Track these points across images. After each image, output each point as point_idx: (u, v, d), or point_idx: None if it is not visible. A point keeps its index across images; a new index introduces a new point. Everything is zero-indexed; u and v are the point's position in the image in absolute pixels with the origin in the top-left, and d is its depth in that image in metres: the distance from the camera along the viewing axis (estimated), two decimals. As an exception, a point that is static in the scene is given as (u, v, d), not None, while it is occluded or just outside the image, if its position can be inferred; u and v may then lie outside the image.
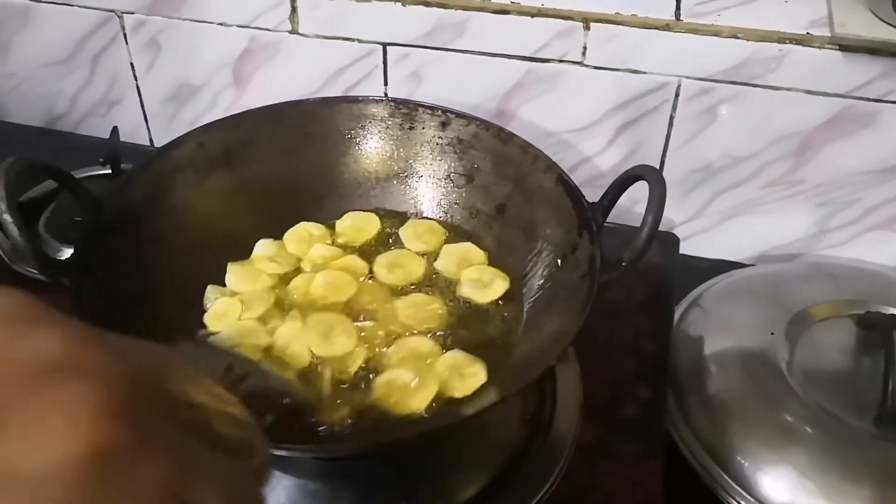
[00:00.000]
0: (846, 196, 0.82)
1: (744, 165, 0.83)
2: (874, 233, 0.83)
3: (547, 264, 0.63)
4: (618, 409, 0.67)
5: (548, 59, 0.82)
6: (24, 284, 0.76)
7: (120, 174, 0.82)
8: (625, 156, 0.86)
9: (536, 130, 0.86)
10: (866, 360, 0.71)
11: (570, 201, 0.62)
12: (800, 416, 0.65)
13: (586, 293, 0.54)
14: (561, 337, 0.53)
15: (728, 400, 0.68)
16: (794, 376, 0.68)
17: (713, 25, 0.76)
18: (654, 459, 0.63)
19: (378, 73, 0.89)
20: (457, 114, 0.71)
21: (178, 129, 0.94)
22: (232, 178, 0.70)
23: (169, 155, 0.67)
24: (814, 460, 0.63)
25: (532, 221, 0.66)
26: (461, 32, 0.83)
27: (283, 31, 0.89)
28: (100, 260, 0.58)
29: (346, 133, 0.73)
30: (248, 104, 0.95)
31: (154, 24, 0.93)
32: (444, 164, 0.72)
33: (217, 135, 0.70)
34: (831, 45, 0.74)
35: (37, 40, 1.00)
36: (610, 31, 0.79)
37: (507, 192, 0.69)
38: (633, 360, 0.71)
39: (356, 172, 0.74)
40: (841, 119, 0.77)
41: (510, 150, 0.68)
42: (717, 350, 0.73)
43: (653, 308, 0.76)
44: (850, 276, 0.80)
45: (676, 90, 0.80)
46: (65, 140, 1.05)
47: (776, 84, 0.77)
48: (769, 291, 0.78)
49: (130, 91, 1.00)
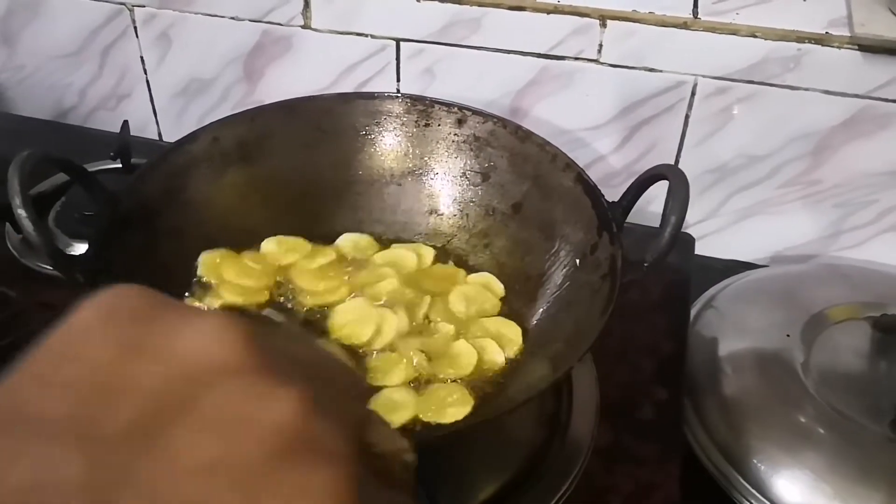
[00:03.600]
0: (862, 197, 0.81)
1: (759, 165, 0.82)
2: (891, 234, 0.83)
3: (565, 264, 0.62)
4: (634, 411, 0.67)
5: (563, 56, 0.82)
6: (32, 280, 0.76)
7: (131, 169, 0.82)
8: (639, 155, 0.86)
9: (550, 128, 0.86)
10: (883, 363, 0.71)
11: (590, 200, 0.62)
12: (815, 418, 0.65)
13: (608, 294, 0.54)
14: (584, 337, 0.52)
15: (743, 402, 0.68)
16: (810, 379, 0.68)
17: (731, 24, 0.75)
18: (671, 462, 0.62)
19: (391, 69, 0.88)
20: (473, 111, 0.70)
21: (188, 124, 0.94)
22: (247, 173, 0.69)
23: (184, 149, 0.67)
24: (829, 463, 0.62)
25: (550, 221, 0.65)
26: (476, 29, 0.82)
27: (296, 26, 0.88)
28: (115, 255, 0.58)
29: (361, 129, 0.73)
30: (259, 99, 0.95)
31: (165, 17, 0.93)
32: (459, 161, 0.71)
33: (232, 129, 0.69)
34: (850, 44, 0.73)
35: (46, 33, 0.99)
36: (627, 28, 0.78)
37: (524, 190, 0.68)
38: (649, 361, 0.71)
39: (371, 169, 0.73)
40: (859, 119, 0.77)
41: (528, 147, 0.68)
42: (732, 351, 0.72)
43: (669, 309, 0.76)
44: (866, 279, 0.79)
45: (693, 89, 0.80)
46: (74, 133, 1.05)
47: (794, 84, 0.77)
48: (785, 293, 0.78)
49: (140, 85, 1.00)
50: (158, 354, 0.21)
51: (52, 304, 0.72)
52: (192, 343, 0.22)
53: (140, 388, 0.21)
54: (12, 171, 0.53)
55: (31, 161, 0.54)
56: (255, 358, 0.22)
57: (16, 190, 0.52)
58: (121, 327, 0.22)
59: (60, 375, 0.21)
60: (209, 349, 0.21)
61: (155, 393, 0.20)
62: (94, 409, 0.20)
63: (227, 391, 0.21)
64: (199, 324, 0.22)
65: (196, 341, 0.22)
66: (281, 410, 0.21)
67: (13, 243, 0.82)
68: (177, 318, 0.22)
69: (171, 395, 0.21)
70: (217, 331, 0.22)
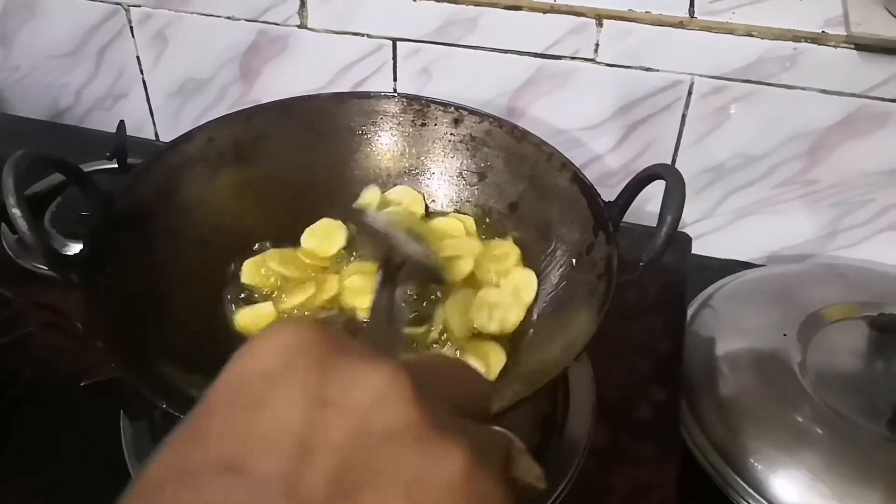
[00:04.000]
0: (859, 196, 0.81)
1: (756, 165, 0.82)
2: (887, 234, 0.83)
3: (561, 264, 0.62)
4: (631, 411, 0.67)
5: (560, 55, 0.82)
6: (29, 280, 0.76)
7: (127, 169, 0.82)
8: (636, 154, 0.86)
9: (547, 128, 0.85)
10: (880, 362, 0.71)
11: (586, 200, 0.62)
12: (812, 418, 0.65)
13: (604, 293, 0.53)
14: (579, 336, 0.52)
15: (740, 401, 0.68)
16: (806, 378, 0.67)
17: (727, 23, 0.75)
18: (668, 463, 0.62)
19: (387, 68, 0.88)
20: (470, 111, 0.70)
21: (184, 124, 0.94)
22: (242, 173, 0.69)
23: (179, 149, 0.67)
24: (827, 463, 0.62)
25: (546, 220, 0.65)
26: (472, 28, 0.82)
27: (292, 26, 0.88)
28: (110, 255, 0.57)
29: (358, 129, 0.72)
30: (255, 99, 0.95)
31: (161, 17, 0.92)
32: (456, 161, 0.71)
33: (227, 129, 0.69)
34: (847, 44, 0.73)
35: (42, 32, 0.99)
36: (623, 28, 0.78)
37: (521, 190, 0.68)
38: (645, 361, 0.71)
39: (367, 169, 0.73)
40: (855, 119, 0.77)
41: (524, 147, 0.68)
42: (729, 351, 0.72)
43: (666, 309, 0.76)
44: (863, 278, 0.79)
45: (689, 88, 0.80)
46: (70, 134, 1.05)
47: (790, 83, 0.77)
48: (781, 292, 0.78)
49: (136, 85, 1.00)
50: (342, 408, 0.23)
51: (49, 304, 0.73)
52: (370, 395, 0.23)
53: (331, 444, 0.22)
54: (7, 170, 0.53)
55: (27, 160, 0.54)
56: (424, 412, 0.23)
57: (10, 189, 0.52)
58: (303, 375, 0.23)
59: (259, 428, 0.22)
60: (384, 401, 0.23)
61: (344, 450, 0.22)
62: (296, 466, 0.21)
63: (405, 450, 0.22)
64: (371, 375, 0.23)
65: (372, 393, 0.23)
66: (451, 469, 0.22)
67: (9, 243, 0.82)
68: (352, 366, 0.24)
69: (357, 452, 0.22)
70: (389, 381, 0.23)
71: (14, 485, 0.61)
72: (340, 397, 0.23)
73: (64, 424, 0.65)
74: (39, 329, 0.71)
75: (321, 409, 0.22)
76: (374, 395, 0.23)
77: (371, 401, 0.23)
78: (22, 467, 0.62)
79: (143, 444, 0.60)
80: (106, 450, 0.61)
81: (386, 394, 0.23)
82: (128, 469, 0.59)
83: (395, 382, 0.23)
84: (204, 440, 0.22)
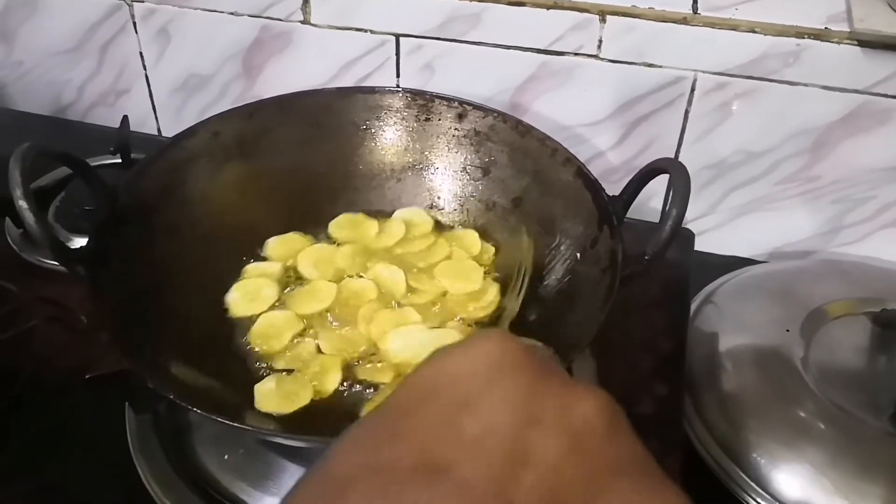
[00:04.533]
0: (861, 193, 0.81)
1: (759, 161, 0.82)
2: (889, 230, 0.83)
3: (566, 258, 0.62)
4: (634, 406, 0.66)
5: (563, 51, 0.82)
6: (33, 275, 0.76)
7: (130, 164, 0.82)
8: (639, 150, 0.86)
9: (550, 124, 0.85)
10: (882, 358, 0.71)
11: (590, 194, 0.62)
12: (815, 413, 0.65)
13: (608, 287, 0.54)
14: (584, 330, 0.52)
15: (743, 397, 0.68)
16: (809, 374, 0.68)
17: (731, 19, 0.75)
18: (671, 457, 0.62)
19: (391, 64, 0.88)
20: (474, 105, 0.70)
21: (187, 120, 0.94)
22: (246, 168, 0.69)
23: (183, 144, 0.67)
24: (829, 458, 0.62)
25: (550, 215, 0.65)
26: (476, 24, 0.82)
27: (295, 22, 0.88)
28: (115, 249, 0.57)
29: (362, 124, 0.73)
30: (258, 95, 0.95)
31: (164, 13, 0.92)
32: (460, 156, 0.71)
33: (231, 124, 0.69)
34: (850, 40, 0.73)
35: (45, 28, 0.99)
36: (626, 24, 0.78)
37: (525, 185, 0.68)
38: (649, 356, 0.71)
39: (371, 164, 0.73)
40: (858, 115, 0.77)
41: (528, 142, 0.68)
42: (731, 347, 0.72)
43: (669, 305, 0.76)
44: (865, 274, 0.79)
45: (692, 84, 0.80)
46: (73, 129, 1.05)
47: (793, 79, 0.77)
48: (784, 288, 0.78)
49: (139, 80, 1.00)
50: (555, 429, 0.23)
51: (52, 299, 0.73)
52: (583, 421, 0.23)
53: (546, 463, 0.22)
54: (13, 163, 0.53)
55: (32, 153, 0.54)
56: (645, 448, 0.24)
57: (17, 182, 0.52)
58: (513, 388, 0.23)
59: (468, 434, 0.22)
60: (603, 432, 0.23)
61: (555, 468, 0.22)
62: (507, 476, 0.21)
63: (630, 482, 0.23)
64: (585, 402, 0.24)
65: (587, 420, 0.23)
66: None
67: (13, 238, 0.82)
68: (564, 390, 0.24)
69: (576, 475, 0.22)
70: (605, 412, 0.24)
71: (14, 485, 0.60)
72: (553, 418, 0.23)
73: (65, 423, 0.64)
74: (43, 323, 0.71)
75: (532, 426, 0.22)
76: (589, 422, 0.23)
77: (585, 427, 0.23)
78: (22, 467, 0.61)
79: (147, 437, 0.60)
80: (108, 449, 0.61)
81: (603, 424, 0.23)
82: (130, 469, 0.58)
83: (612, 414, 0.23)
84: (399, 439, 0.22)
